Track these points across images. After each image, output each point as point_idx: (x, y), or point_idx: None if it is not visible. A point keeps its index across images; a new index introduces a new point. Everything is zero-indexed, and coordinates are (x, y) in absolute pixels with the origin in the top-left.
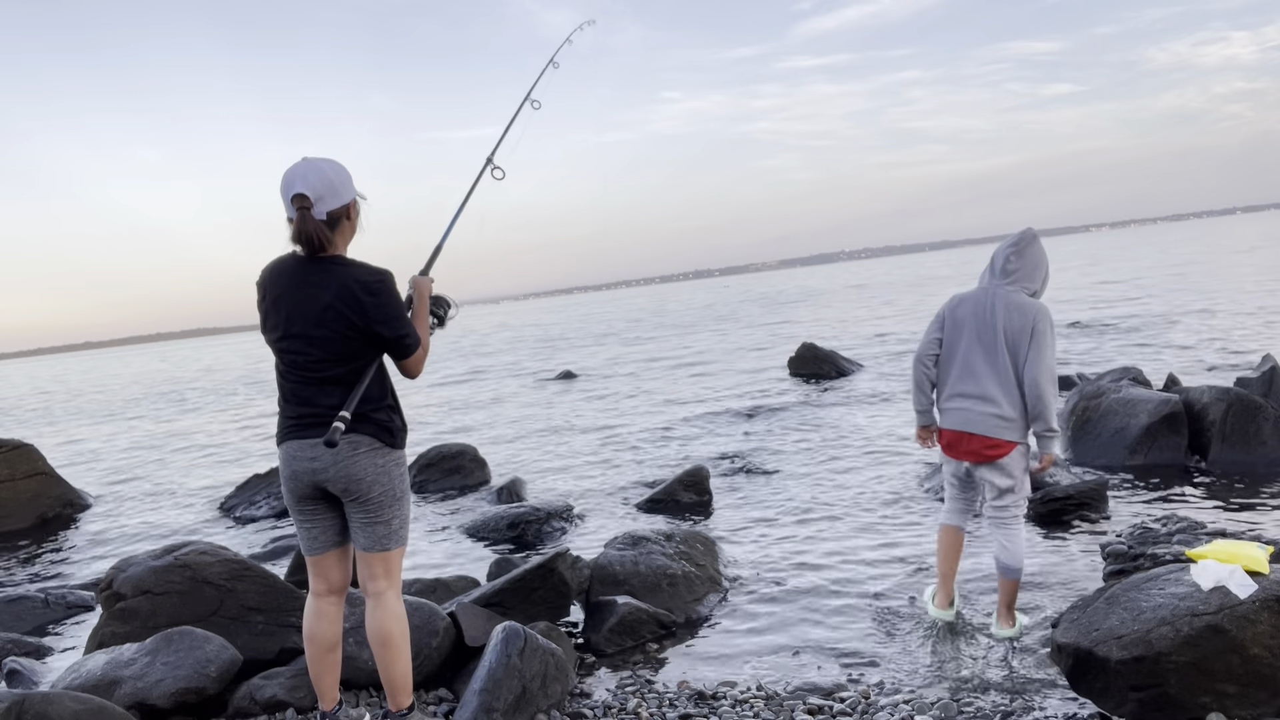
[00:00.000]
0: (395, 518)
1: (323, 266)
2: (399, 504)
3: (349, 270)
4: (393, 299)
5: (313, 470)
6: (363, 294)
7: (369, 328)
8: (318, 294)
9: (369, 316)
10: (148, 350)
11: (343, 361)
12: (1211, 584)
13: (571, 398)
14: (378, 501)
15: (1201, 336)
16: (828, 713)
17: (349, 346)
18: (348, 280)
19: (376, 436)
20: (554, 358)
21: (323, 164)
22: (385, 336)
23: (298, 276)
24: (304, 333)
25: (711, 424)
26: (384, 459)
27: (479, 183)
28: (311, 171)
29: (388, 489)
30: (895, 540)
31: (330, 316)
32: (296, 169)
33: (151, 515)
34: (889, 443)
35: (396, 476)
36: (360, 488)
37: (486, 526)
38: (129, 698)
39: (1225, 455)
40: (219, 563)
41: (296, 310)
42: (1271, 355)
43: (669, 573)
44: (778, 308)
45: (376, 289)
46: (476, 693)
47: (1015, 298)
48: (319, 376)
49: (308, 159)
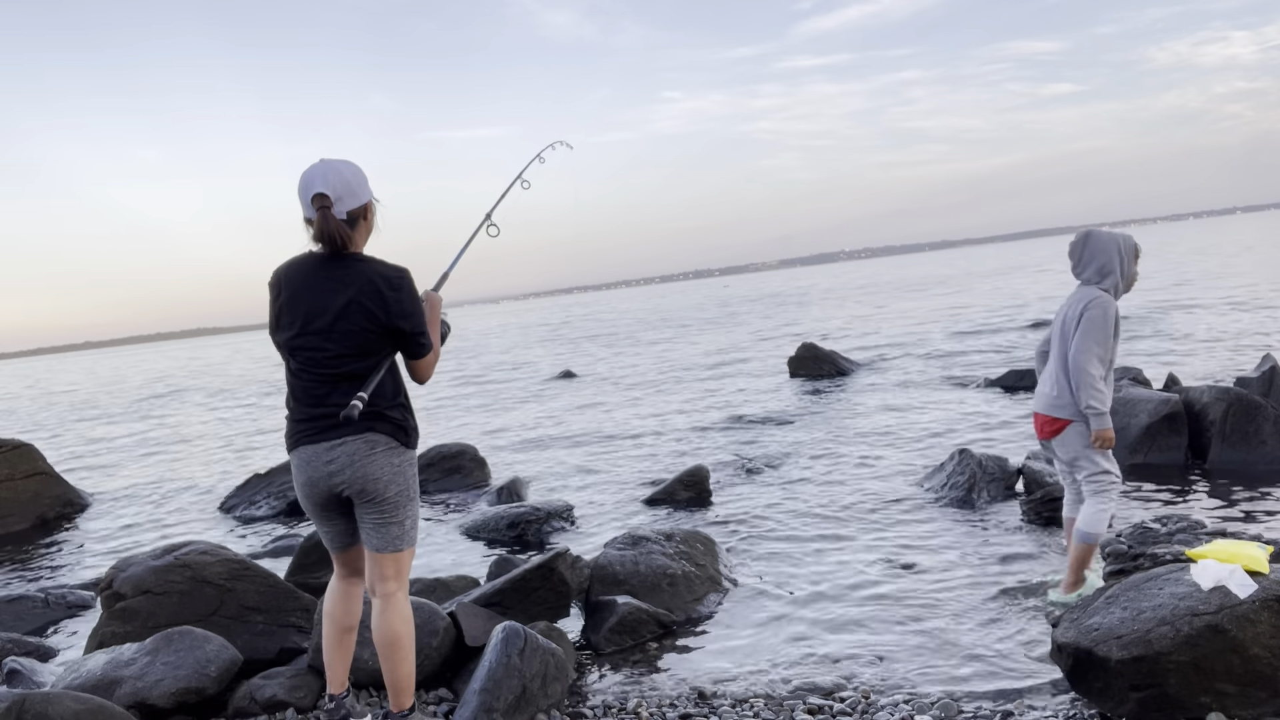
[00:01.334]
0: (408, 518)
1: (344, 263)
2: (412, 504)
3: (371, 265)
4: (414, 294)
5: (329, 474)
6: (386, 289)
7: (390, 321)
8: (340, 289)
9: (391, 310)
10: (148, 350)
11: (360, 357)
12: (1211, 584)
13: (571, 397)
14: (393, 502)
15: (1201, 336)
16: (828, 713)
17: (368, 342)
18: (371, 275)
19: (393, 436)
20: (554, 357)
21: (341, 165)
22: (406, 330)
23: (318, 274)
24: (323, 328)
25: (711, 424)
26: (399, 459)
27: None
28: (330, 172)
29: (403, 489)
30: (895, 540)
31: (353, 310)
32: (315, 170)
33: (151, 515)
34: (889, 443)
35: (410, 476)
36: (377, 487)
37: (486, 526)
38: (129, 697)
39: (1225, 455)
40: (219, 562)
41: (316, 306)
42: (1271, 355)
43: (669, 572)
44: (778, 307)
45: (399, 283)
46: (476, 692)
47: (1081, 290)
48: (334, 373)
49: (326, 160)
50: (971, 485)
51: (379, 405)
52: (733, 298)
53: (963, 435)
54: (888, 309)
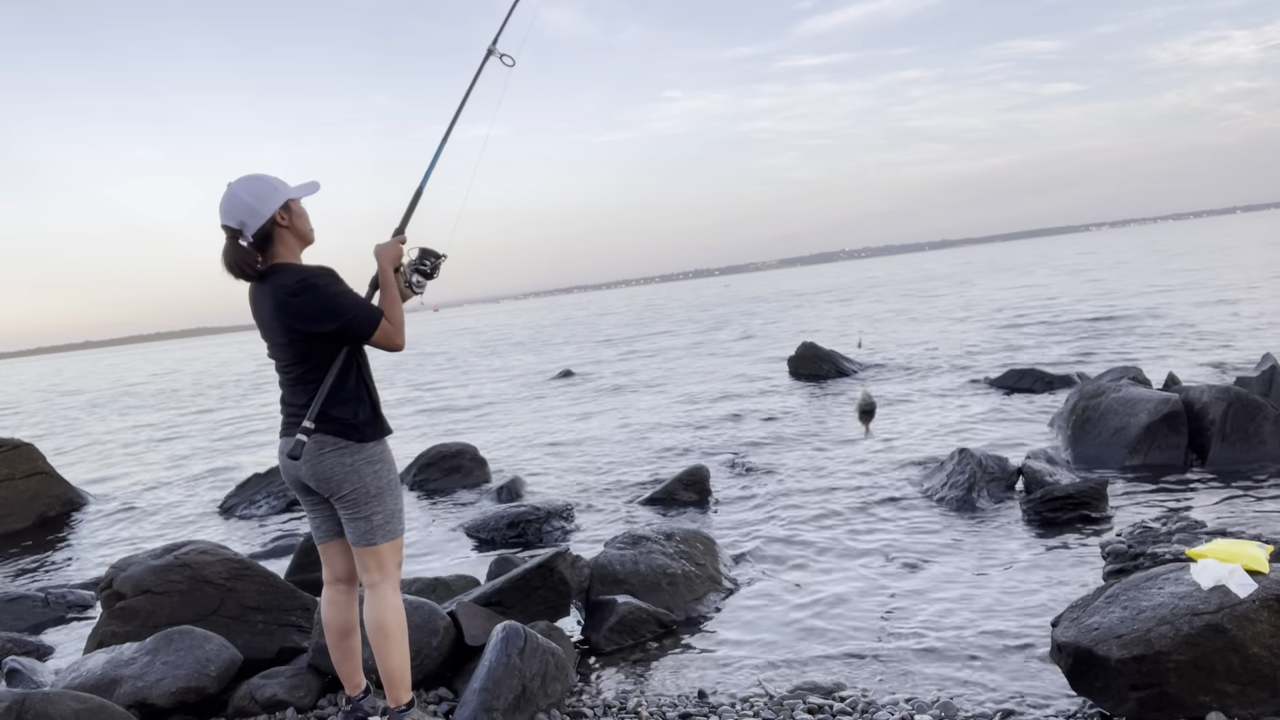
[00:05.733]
0: (377, 513)
1: (264, 280)
2: (377, 500)
3: (277, 279)
4: (318, 295)
5: (294, 467)
6: (288, 298)
7: (308, 328)
8: (264, 306)
9: (300, 317)
10: (148, 350)
11: (302, 362)
12: (1211, 583)
13: (571, 397)
14: (351, 499)
15: (1201, 336)
16: (828, 712)
17: (304, 349)
18: (276, 290)
19: (340, 434)
20: (554, 357)
21: (239, 188)
22: (326, 331)
23: (255, 292)
24: (270, 341)
25: (711, 423)
26: (351, 457)
27: (480, 75)
28: (231, 201)
29: (358, 487)
30: (895, 539)
31: (276, 325)
32: (222, 200)
33: (152, 514)
34: (888, 443)
35: (368, 474)
36: (331, 486)
37: (486, 526)
38: (129, 697)
39: (1225, 455)
40: (219, 562)
41: (260, 322)
42: (1271, 354)
43: (669, 572)
44: (778, 308)
45: (298, 290)
46: (476, 692)
47: None
48: (290, 379)
49: (230, 185)
50: (971, 485)
51: (326, 405)
52: (733, 297)
53: (963, 435)
54: (888, 309)
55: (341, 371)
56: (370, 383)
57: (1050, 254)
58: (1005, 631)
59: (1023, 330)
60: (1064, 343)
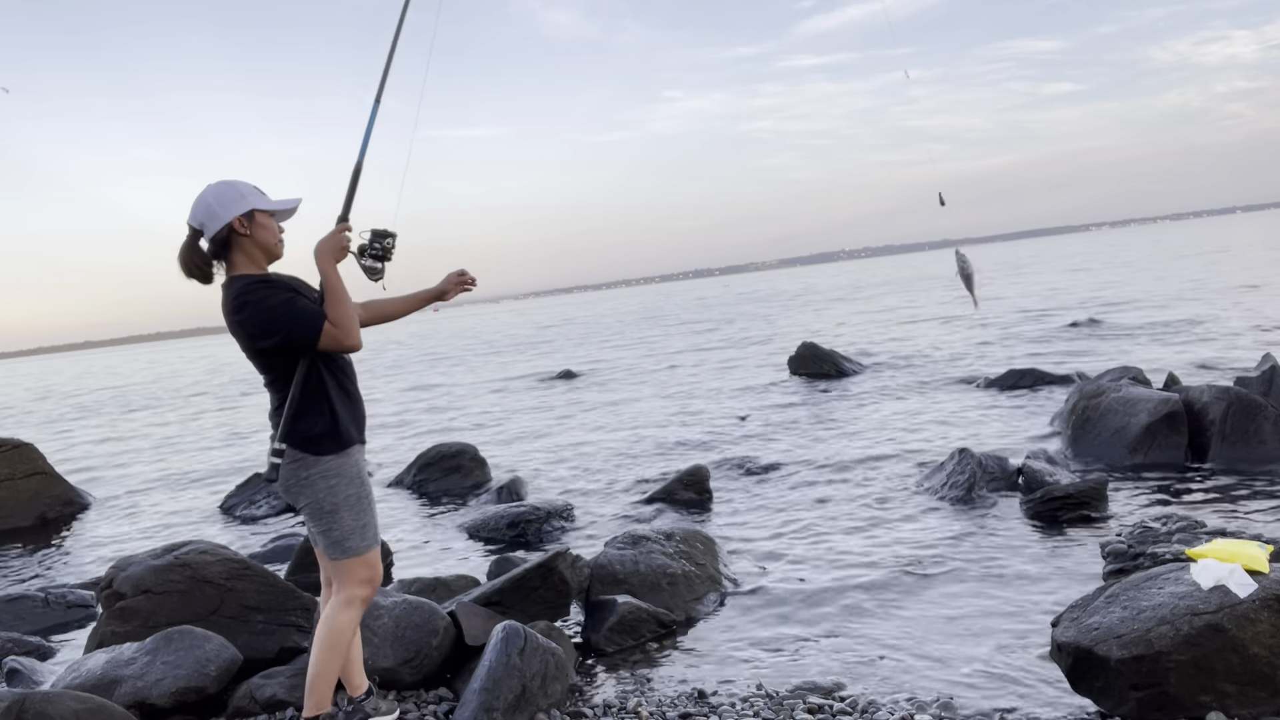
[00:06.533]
0: (333, 529)
1: (224, 290)
2: (331, 516)
3: (229, 291)
4: (255, 311)
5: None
6: (232, 314)
7: (252, 345)
8: (225, 318)
9: (245, 334)
10: (148, 350)
11: (267, 372)
12: (1211, 583)
13: (571, 397)
14: (308, 512)
15: (1201, 336)
16: (828, 712)
17: (262, 360)
18: (226, 303)
19: (297, 446)
20: (554, 357)
21: (207, 190)
22: (273, 346)
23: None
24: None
25: (711, 423)
26: (306, 471)
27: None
28: (197, 201)
29: (312, 501)
30: (895, 539)
31: (237, 336)
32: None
33: (152, 514)
34: (888, 443)
35: (322, 489)
36: (289, 498)
37: (486, 526)
38: (129, 697)
39: (1225, 454)
40: (219, 562)
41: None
42: (1271, 355)
43: (669, 572)
44: (778, 308)
45: (238, 307)
46: (476, 692)
47: None
48: (266, 386)
49: (207, 186)
50: (971, 484)
51: (292, 418)
52: (732, 297)
53: (963, 434)
54: (887, 309)
55: (303, 382)
56: (334, 394)
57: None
58: (1005, 631)
59: (1023, 329)
60: (1064, 342)
